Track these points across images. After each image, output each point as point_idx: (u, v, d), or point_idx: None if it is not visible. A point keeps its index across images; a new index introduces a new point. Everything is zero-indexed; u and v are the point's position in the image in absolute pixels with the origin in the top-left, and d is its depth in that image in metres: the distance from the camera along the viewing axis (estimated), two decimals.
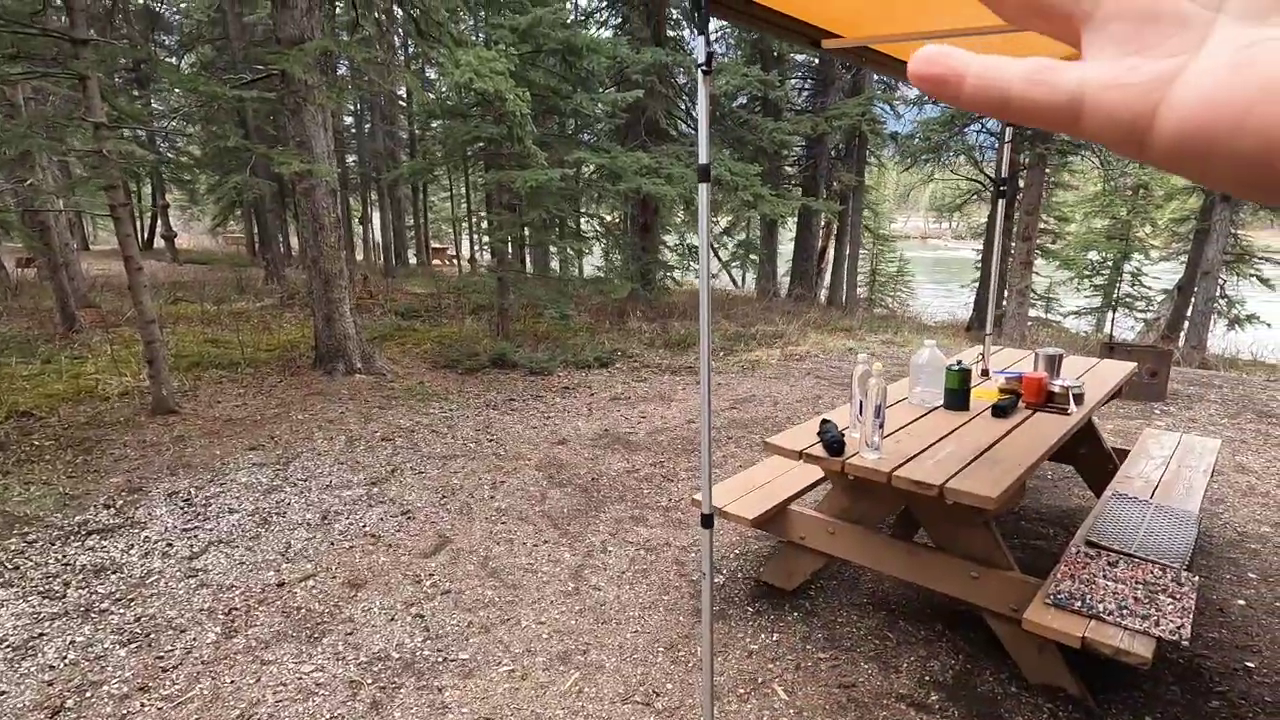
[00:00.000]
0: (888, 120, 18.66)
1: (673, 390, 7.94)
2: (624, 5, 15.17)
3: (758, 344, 10.87)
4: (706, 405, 2.06)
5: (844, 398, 7.47)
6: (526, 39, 8.74)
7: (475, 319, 12.46)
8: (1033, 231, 14.45)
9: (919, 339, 12.37)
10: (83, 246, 30.69)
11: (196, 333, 10.37)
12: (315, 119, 7.31)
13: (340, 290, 7.93)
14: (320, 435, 6.11)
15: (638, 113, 12.93)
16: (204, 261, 25.08)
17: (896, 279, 28.12)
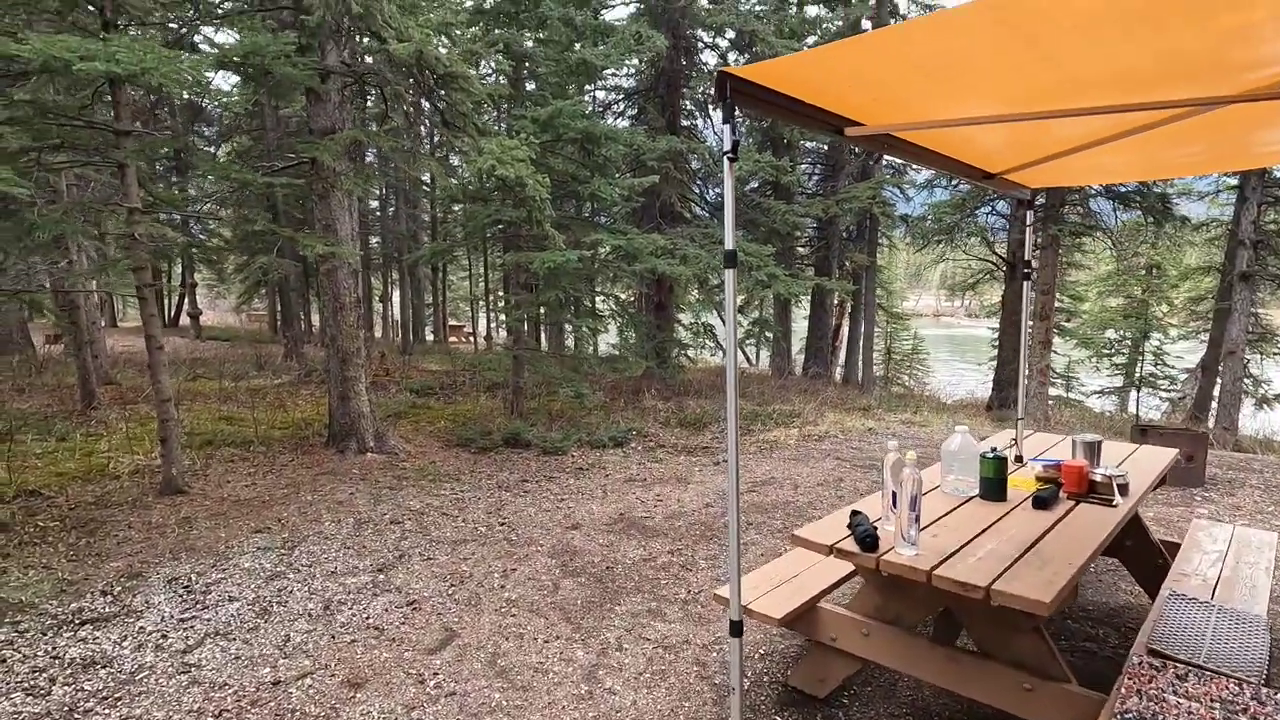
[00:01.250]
0: (898, 203, 19.06)
1: (689, 472, 7.74)
2: (640, 98, 15.88)
3: (775, 424, 10.70)
4: (735, 506, 1.93)
5: (866, 480, 7.23)
6: (547, 129, 9.09)
7: (490, 397, 12.43)
8: (1049, 310, 14.41)
9: (940, 419, 12.14)
10: (111, 323, 31.49)
11: (212, 410, 10.39)
12: (342, 204, 7.53)
13: (356, 368, 7.94)
14: (328, 517, 5.96)
15: (653, 196, 13.29)
16: (227, 338, 25.55)
17: (912, 356, 28.01)
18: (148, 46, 4.19)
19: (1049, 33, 1.55)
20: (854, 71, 1.76)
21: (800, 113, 1.98)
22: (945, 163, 2.86)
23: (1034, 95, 2.05)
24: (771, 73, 1.77)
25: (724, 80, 1.76)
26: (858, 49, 1.62)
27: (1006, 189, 3.44)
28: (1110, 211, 15.31)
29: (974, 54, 1.64)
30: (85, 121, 5.70)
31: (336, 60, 7.28)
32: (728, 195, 1.84)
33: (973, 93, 2.03)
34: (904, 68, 1.74)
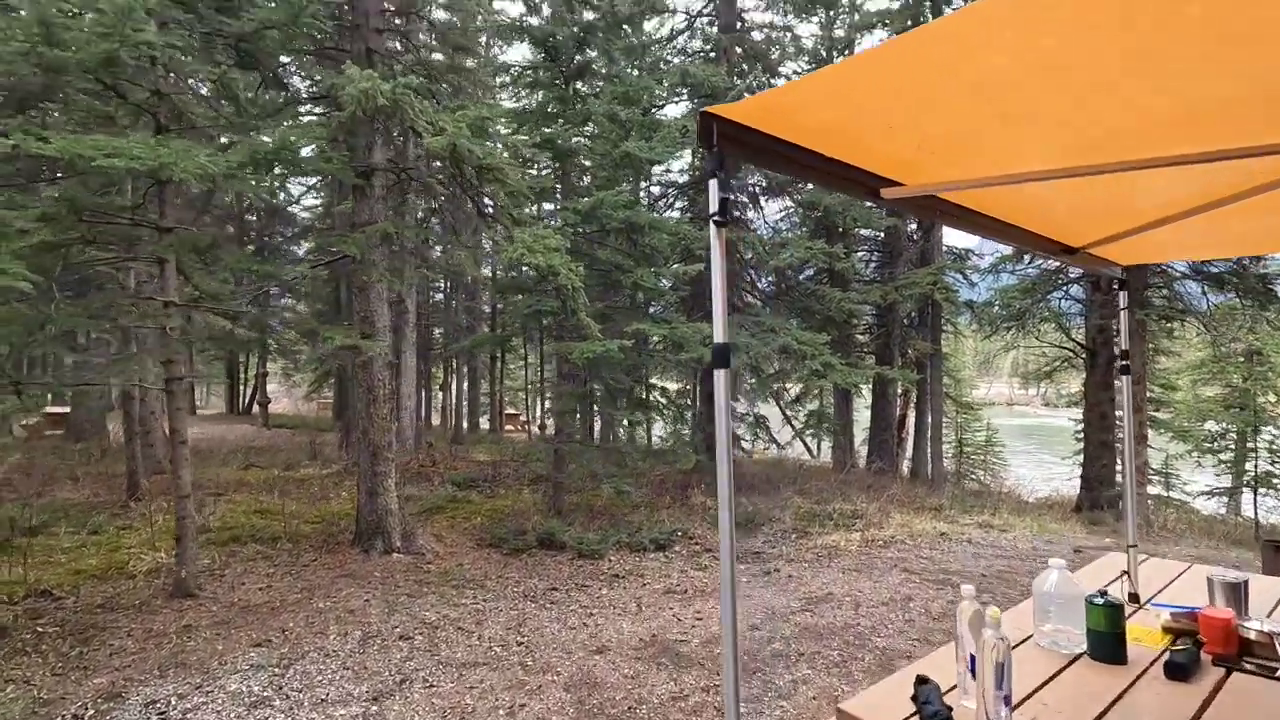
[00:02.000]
0: (961, 288, 18.29)
1: (738, 583, 6.95)
2: (690, 189, 16.02)
3: (835, 525, 9.78)
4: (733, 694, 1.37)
5: (940, 600, 6.29)
6: (590, 219, 9.02)
7: (532, 490, 11.96)
8: (1141, 401, 13.13)
9: (1022, 521, 10.91)
10: (190, 410, 33.06)
11: (252, 501, 10.27)
12: (380, 295, 7.49)
13: (386, 463, 7.66)
14: (335, 630, 5.48)
15: (703, 285, 13.04)
16: (292, 426, 26.22)
17: (986, 449, 26.18)
18: (163, 142, 4.23)
19: (1174, 41, 1.09)
20: (886, 101, 1.33)
21: (817, 168, 1.55)
22: (1017, 235, 2.35)
23: (1144, 135, 1.56)
24: (771, 111, 1.35)
25: (708, 122, 1.35)
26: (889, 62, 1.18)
27: (1093, 266, 2.87)
28: (1200, 294, 14.15)
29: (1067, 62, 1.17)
30: (131, 219, 5.83)
31: (383, 158, 7.43)
32: (716, 269, 1.40)
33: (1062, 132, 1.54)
34: (958, 93, 1.29)
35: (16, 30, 4.08)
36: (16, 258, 3.90)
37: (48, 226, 4.40)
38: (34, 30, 4.14)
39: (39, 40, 4.17)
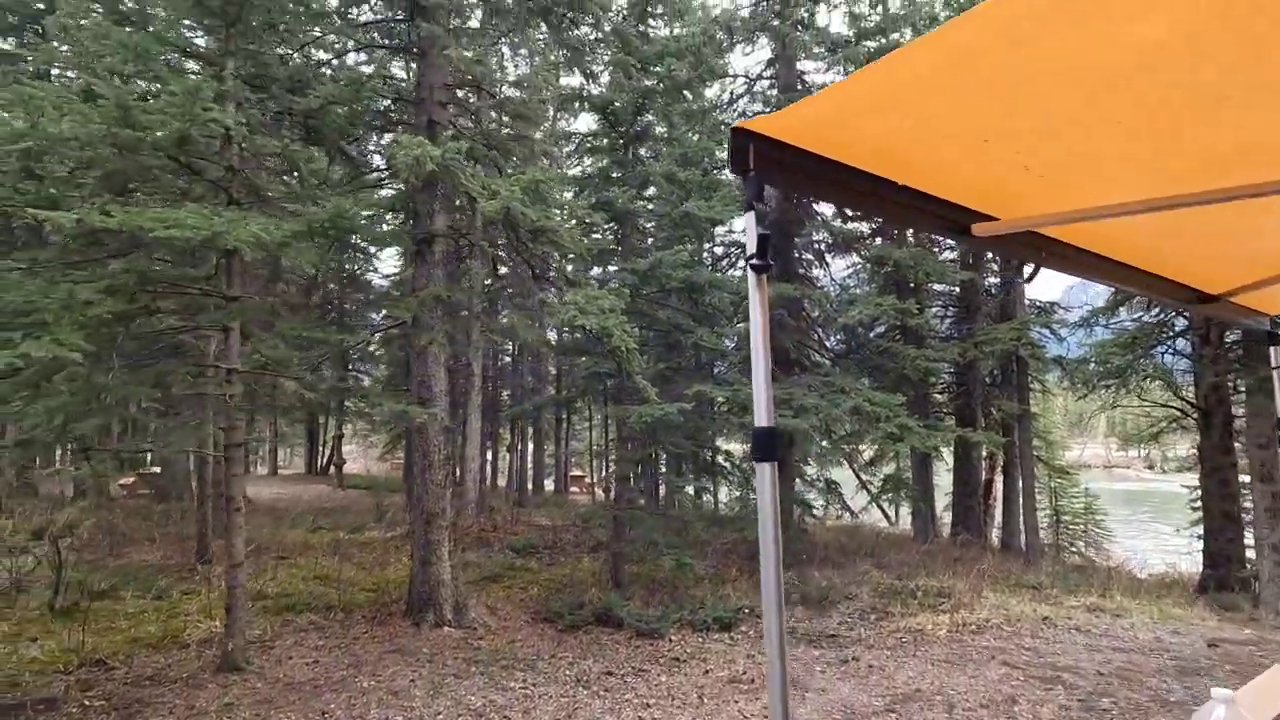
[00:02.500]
0: (1048, 343, 17.15)
1: (810, 673, 6.29)
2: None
3: (919, 605, 8.89)
4: None
5: (1050, 705, 5.43)
6: (650, 280, 8.86)
7: (593, 558, 11.53)
8: (1271, 469, 11.66)
9: (1139, 605, 9.66)
10: (272, 471, 34.40)
11: (313, 565, 10.25)
12: (437, 360, 7.47)
13: (440, 530, 7.46)
14: (376, 714, 5.17)
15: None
16: (365, 486, 26.74)
17: (1085, 518, 23.98)
18: (216, 213, 4.32)
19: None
20: (979, 103, 1.00)
21: (884, 198, 1.22)
22: (1138, 279, 1.92)
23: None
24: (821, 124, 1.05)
25: (742, 141, 1.06)
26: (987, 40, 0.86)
27: (1233, 316, 2.37)
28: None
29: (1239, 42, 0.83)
30: (200, 289, 6.00)
31: (444, 225, 7.54)
32: (756, 328, 1.10)
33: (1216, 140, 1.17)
34: (1089, 85, 0.95)
35: (95, 115, 4.32)
36: (79, 328, 3.97)
37: (112, 298, 4.54)
38: (113, 113, 4.36)
39: (117, 122, 4.39)
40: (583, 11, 8.43)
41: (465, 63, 6.32)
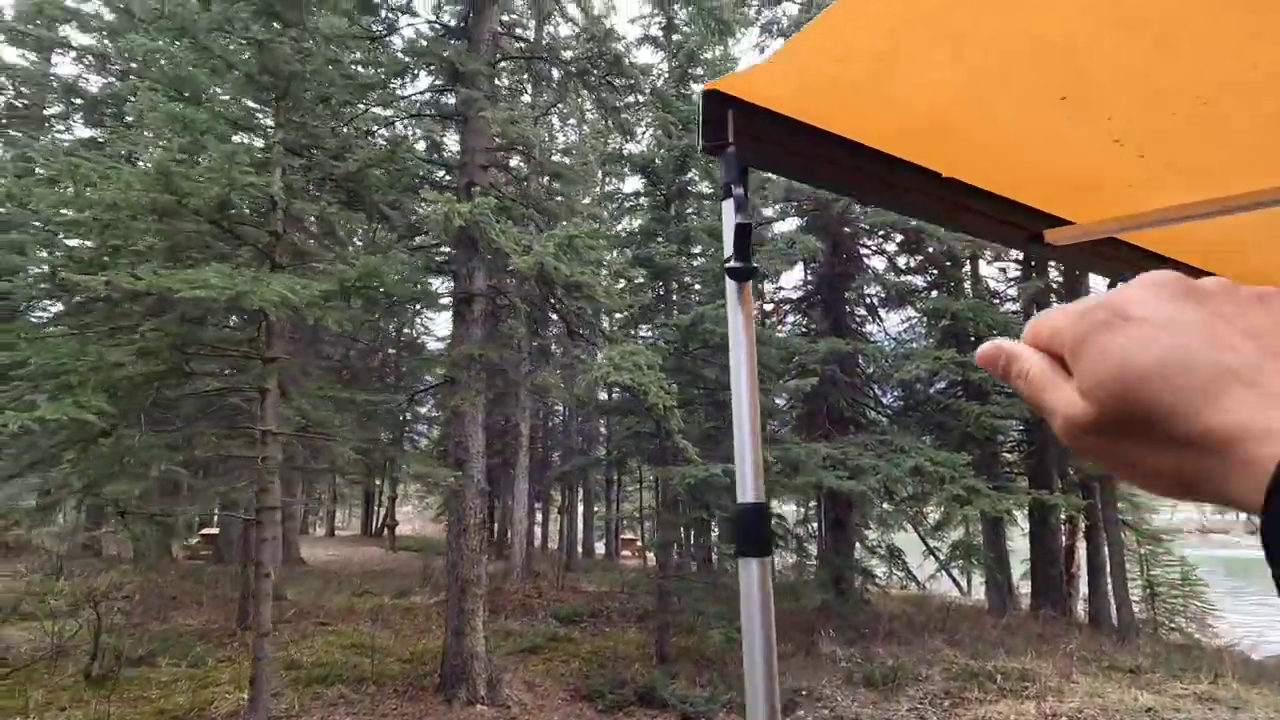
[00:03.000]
0: None
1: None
2: (805, 303, 15.46)
3: (1000, 690, 7.99)
4: None
5: None
6: (692, 336, 8.62)
7: (639, 628, 10.94)
8: None
9: (1258, 694, 8.45)
10: (329, 533, 34.82)
11: (353, 632, 10.01)
12: (474, 420, 7.32)
13: (474, 599, 7.13)
14: None
15: (818, 401, 12.11)
16: (416, 548, 26.69)
17: (1183, 589, 21.79)
18: (238, 273, 4.32)
19: None
20: (1065, 38, 0.70)
21: (915, 191, 0.92)
22: None
23: None
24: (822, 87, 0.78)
25: (718, 108, 0.79)
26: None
27: None
28: None
29: None
30: (242, 352, 6.04)
31: (484, 284, 7.52)
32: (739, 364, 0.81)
33: None
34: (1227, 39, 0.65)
35: (135, 182, 4.43)
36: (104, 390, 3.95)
37: (144, 360, 4.56)
38: (154, 179, 4.47)
39: (158, 188, 4.49)
40: (621, 75, 8.54)
41: (502, 124, 6.39)
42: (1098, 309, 0.36)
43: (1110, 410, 0.34)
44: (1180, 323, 0.34)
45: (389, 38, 8.12)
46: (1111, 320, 0.35)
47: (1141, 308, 0.35)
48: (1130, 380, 0.33)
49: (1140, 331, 0.34)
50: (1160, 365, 0.33)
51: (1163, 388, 0.32)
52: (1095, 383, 0.35)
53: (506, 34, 8.48)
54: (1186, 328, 0.34)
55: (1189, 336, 0.33)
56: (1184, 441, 0.32)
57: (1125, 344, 0.34)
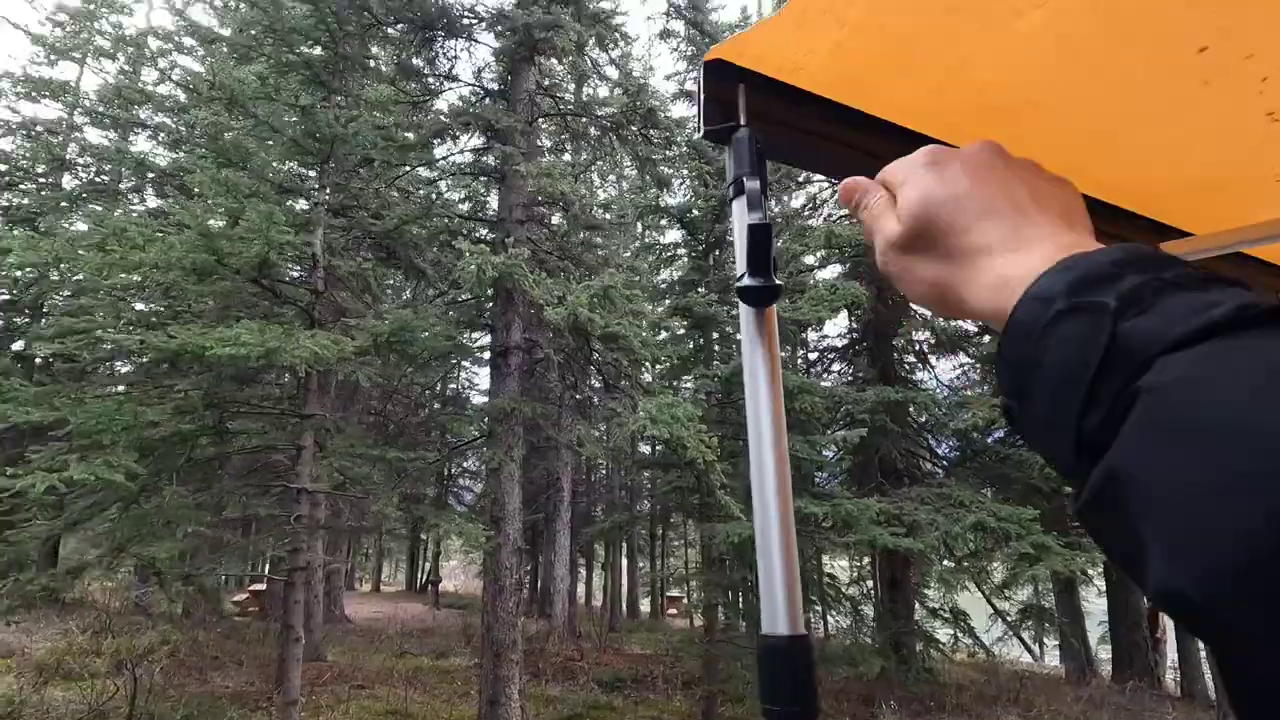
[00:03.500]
0: None
1: None
2: (850, 351, 15.05)
3: None
4: None
5: None
6: (733, 386, 8.37)
7: (685, 696, 10.36)
8: None
9: None
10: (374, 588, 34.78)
11: (390, 697, 9.73)
12: (511, 476, 7.15)
13: (510, 665, 6.82)
14: None
15: (869, 452, 11.59)
16: (461, 605, 26.34)
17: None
18: (266, 329, 4.31)
19: None
20: None
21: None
22: None
23: None
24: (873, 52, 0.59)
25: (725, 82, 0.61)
26: None
27: None
28: None
29: None
30: (281, 410, 6.04)
31: (520, 337, 7.46)
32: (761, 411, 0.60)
33: None
34: None
35: (177, 244, 4.54)
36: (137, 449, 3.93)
37: (179, 418, 4.57)
38: (195, 241, 4.57)
39: (199, 249, 4.58)
40: (656, 128, 8.59)
41: (537, 179, 6.44)
42: (925, 153, 0.44)
43: (911, 229, 0.42)
44: (981, 172, 0.42)
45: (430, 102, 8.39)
46: (931, 164, 0.43)
47: (958, 157, 0.43)
48: (929, 205, 0.42)
49: (946, 172, 0.42)
50: (950, 197, 0.41)
51: (948, 212, 0.41)
52: (905, 206, 0.43)
53: (543, 93, 8.67)
54: (983, 175, 0.41)
55: (982, 182, 0.41)
56: (954, 254, 0.40)
57: (933, 179, 0.42)
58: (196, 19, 12.84)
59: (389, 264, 6.37)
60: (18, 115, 15.40)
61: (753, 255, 0.59)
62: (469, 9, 7.88)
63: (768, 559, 0.58)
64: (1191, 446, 0.25)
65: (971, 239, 0.39)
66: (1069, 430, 0.30)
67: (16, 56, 30.11)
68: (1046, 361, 0.31)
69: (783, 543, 0.59)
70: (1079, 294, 0.31)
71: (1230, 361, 0.25)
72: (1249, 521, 0.22)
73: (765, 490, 0.60)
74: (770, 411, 0.61)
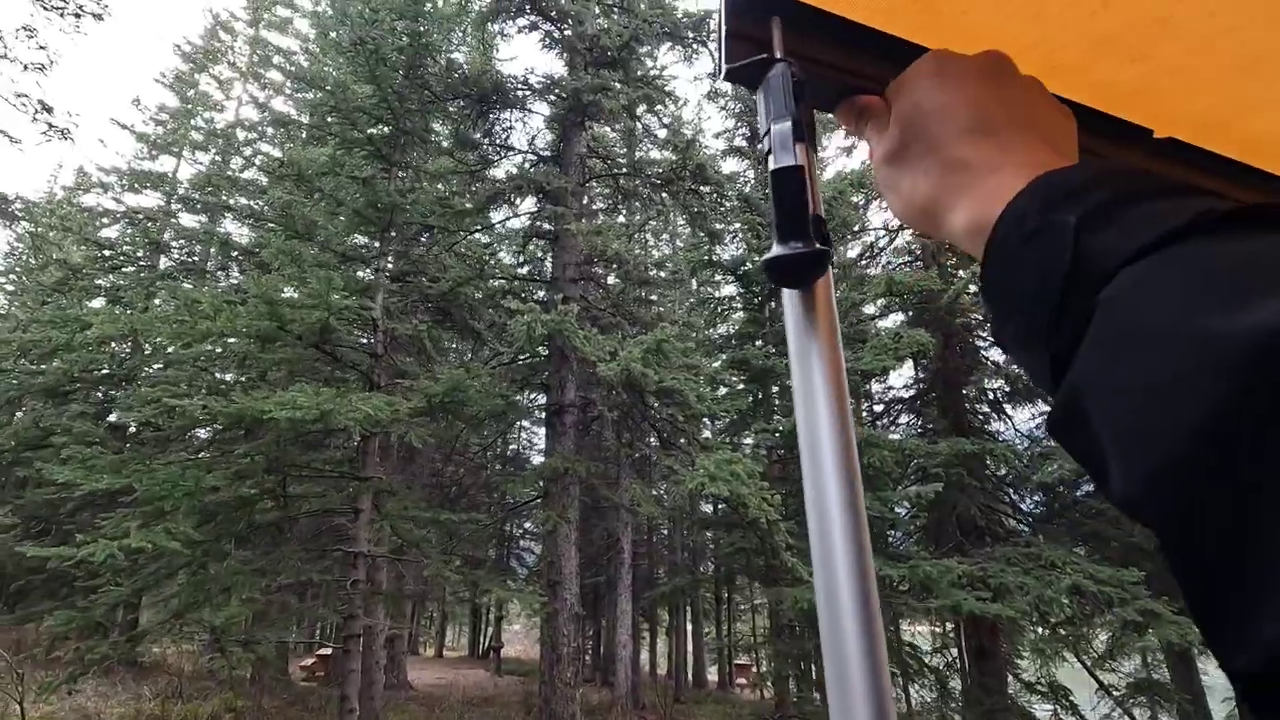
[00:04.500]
0: None
1: None
2: (918, 402, 14.43)
3: None
4: None
5: None
6: (794, 439, 8.03)
7: None
8: None
9: None
10: (438, 653, 34.54)
11: None
12: (567, 538, 6.97)
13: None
14: None
15: (946, 509, 10.88)
16: (524, 672, 25.78)
17: None
18: (325, 392, 4.35)
19: None
20: None
21: None
22: None
23: None
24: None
25: (753, 9, 0.47)
26: None
27: None
28: None
29: None
30: (340, 473, 6.09)
31: (574, 395, 7.40)
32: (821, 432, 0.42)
33: None
34: None
35: (243, 312, 4.71)
36: (196, 515, 3.97)
37: (239, 482, 4.63)
38: (260, 308, 4.72)
39: (263, 317, 4.73)
40: (707, 183, 8.62)
41: (588, 237, 6.49)
42: (927, 59, 0.43)
43: (898, 138, 0.41)
44: (980, 83, 0.40)
45: (487, 170, 8.69)
46: (930, 72, 0.42)
47: (960, 65, 0.41)
48: (918, 113, 0.41)
49: (944, 80, 0.41)
50: (942, 106, 0.40)
51: (936, 122, 0.40)
52: (896, 113, 0.42)
53: (595, 156, 8.87)
54: (981, 87, 0.40)
55: (978, 94, 0.39)
56: (939, 169, 0.39)
57: (927, 87, 0.41)
58: (278, 108, 13.88)
59: (444, 326, 6.48)
60: (121, 205, 16.84)
61: (782, 212, 0.43)
62: (522, 81, 8.23)
63: (834, 608, 0.39)
64: (1135, 355, 0.25)
65: (956, 152, 0.38)
66: (1043, 351, 0.29)
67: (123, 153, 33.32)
68: (1019, 283, 0.31)
69: (865, 630, 0.39)
70: (1048, 212, 0.30)
71: (1174, 267, 0.25)
72: (1187, 419, 0.22)
73: (830, 546, 0.40)
74: (834, 434, 0.42)
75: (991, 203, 0.33)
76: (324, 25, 8.54)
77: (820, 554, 0.40)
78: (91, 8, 9.46)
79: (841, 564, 0.40)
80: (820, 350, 0.45)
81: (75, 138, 10.31)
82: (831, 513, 0.41)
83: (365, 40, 6.36)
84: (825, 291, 0.47)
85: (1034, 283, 0.30)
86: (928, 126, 0.40)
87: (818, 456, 0.42)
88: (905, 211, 0.42)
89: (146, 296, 11.97)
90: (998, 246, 0.32)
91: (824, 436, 0.43)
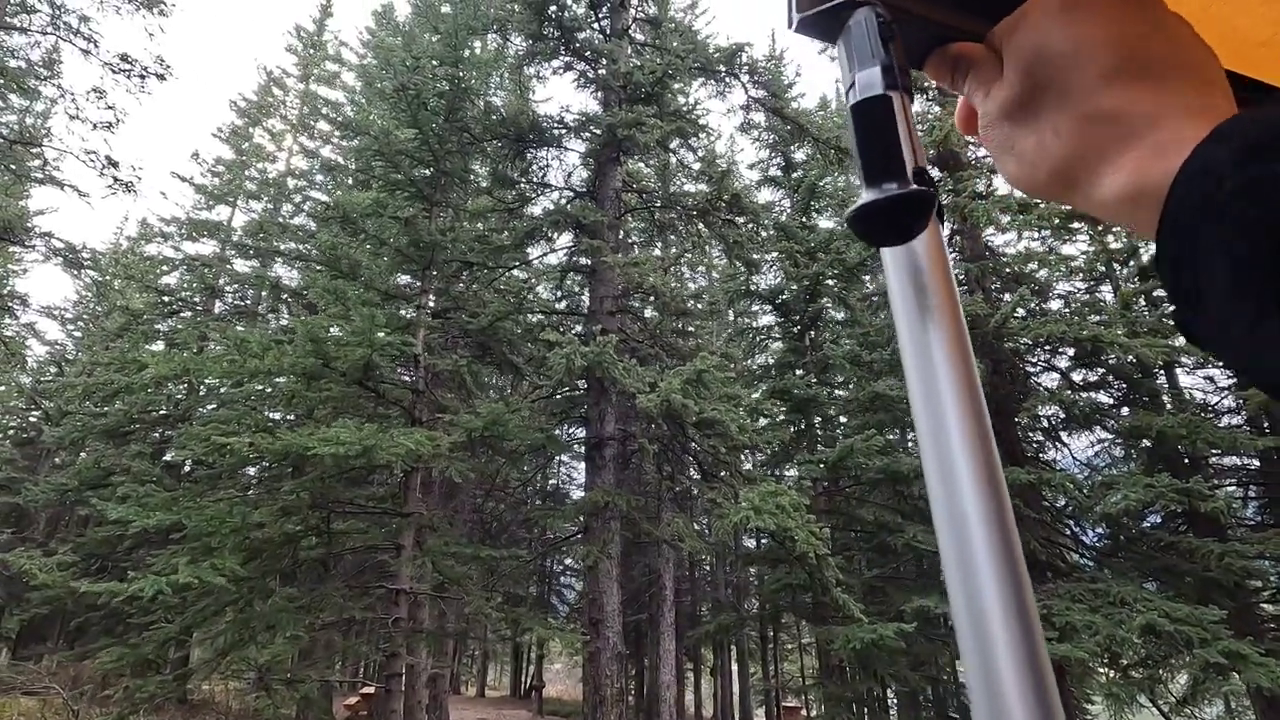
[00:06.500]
0: None
1: None
2: None
3: None
4: None
5: None
6: (840, 471, 7.81)
7: None
8: None
9: None
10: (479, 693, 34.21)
11: None
12: (609, 574, 6.84)
13: None
14: None
15: None
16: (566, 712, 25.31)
17: None
18: (368, 428, 4.38)
19: None
20: None
21: None
22: None
23: None
24: None
25: None
26: None
27: None
28: None
29: None
30: (383, 509, 6.12)
31: (614, 428, 7.35)
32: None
33: None
34: None
35: (289, 350, 4.81)
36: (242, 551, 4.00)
37: (284, 519, 4.67)
38: (305, 347, 4.82)
39: (309, 355, 4.83)
40: (742, 213, 8.61)
41: (624, 269, 6.51)
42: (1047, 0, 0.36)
43: (1022, 86, 0.35)
44: (1110, 19, 0.33)
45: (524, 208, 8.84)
46: (1056, 4, 0.35)
47: (1082, 7, 0.34)
48: (1046, 55, 0.34)
49: (1067, 17, 0.34)
50: (1076, 46, 0.33)
51: (1071, 65, 0.33)
52: (1015, 57, 0.35)
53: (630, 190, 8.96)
54: (1124, 20, 0.33)
55: (1121, 30, 0.33)
56: (1077, 122, 0.32)
57: (1054, 23, 0.34)
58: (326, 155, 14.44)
59: (484, 360, 6.54)
60: (180, 253, 17.65)
61: (869, 148, 0.35)
62: (558, 119, 8.41)
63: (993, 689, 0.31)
64: None
65: (1101, 101, 0.31)
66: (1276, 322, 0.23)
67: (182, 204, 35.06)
68: (1219, 254, 0.25)
69: (1027, 665, 0.31)
70: (1251, 166, 0.24)
71: None
72: None
73: (972, 557, 0.32)
74: (965, 428, 0.34)
75: (1161, 158, 0.28)
76: (369, 76, 8.90)
77: (959, 578, 0.33)
78: (156, 69, 10.05)
79: (989, 586, 0.32)
80: (939, 323, 0.37)
81: (139, 190, 10.91)
82: (971, 524, 0.33)
83: (407, 86, 6.59)
84: (936, 247, 0.38)
85: (1243, 255, 0.24)
86: (1059, 72, 0.33)
87: (946, 455, 0.35)
88: (1030, 177, 0.35)
89: (200, 339, 12.44)
90: (1184, 208, 0.26)
91: (953, 431, 0.35)
